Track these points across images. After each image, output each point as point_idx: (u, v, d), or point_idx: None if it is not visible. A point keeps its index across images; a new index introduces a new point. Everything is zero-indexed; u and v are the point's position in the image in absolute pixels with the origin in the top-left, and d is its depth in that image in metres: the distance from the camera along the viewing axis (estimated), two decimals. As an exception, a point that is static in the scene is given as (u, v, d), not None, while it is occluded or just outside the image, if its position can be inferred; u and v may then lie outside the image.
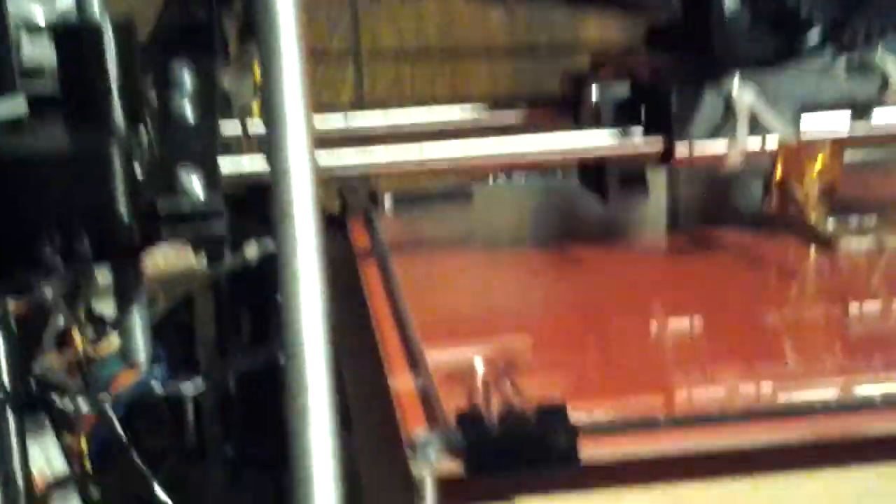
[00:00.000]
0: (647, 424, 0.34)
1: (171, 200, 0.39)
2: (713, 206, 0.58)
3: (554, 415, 0.34)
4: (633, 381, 0.37)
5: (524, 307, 0.45)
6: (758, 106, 0.43)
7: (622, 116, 0.46)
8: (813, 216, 0.49)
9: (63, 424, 0.53)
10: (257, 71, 0.54)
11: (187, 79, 0.42)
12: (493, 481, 0.33)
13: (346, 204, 0.58)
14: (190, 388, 0.49)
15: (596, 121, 0.46)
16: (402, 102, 0.52)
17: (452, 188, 0.60)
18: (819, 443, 0.33)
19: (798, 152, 0.49)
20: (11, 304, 0.50)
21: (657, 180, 0.61)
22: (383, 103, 0.57)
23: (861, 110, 0.45)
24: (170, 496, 0.52)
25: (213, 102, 0.43)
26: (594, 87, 0.46)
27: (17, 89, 0.43)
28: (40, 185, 0.39)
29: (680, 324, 0.42)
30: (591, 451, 0.33)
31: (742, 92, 0.43)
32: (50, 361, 0.54)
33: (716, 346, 0.40)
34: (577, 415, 0.33)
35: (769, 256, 0.48)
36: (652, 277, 0.47)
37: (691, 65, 0.44)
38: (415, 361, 0.39)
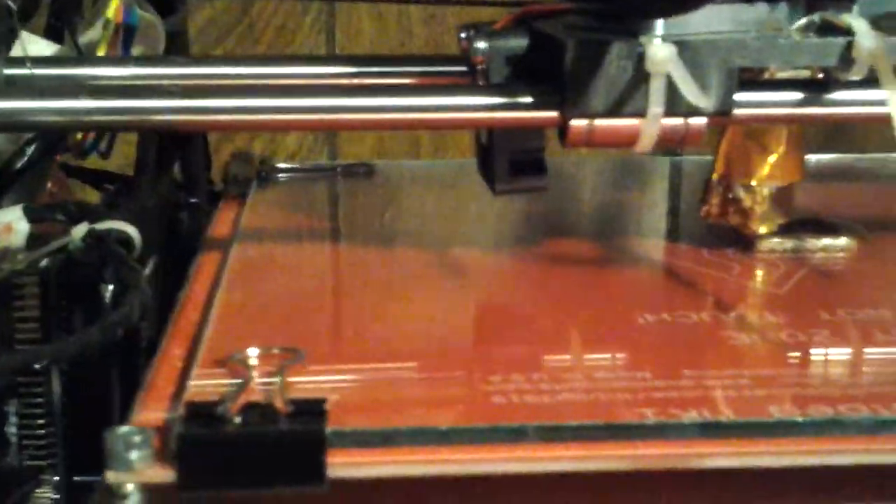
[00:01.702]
0: (416, 436, 0.25)
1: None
2: (640, 206, 0.47)
3: (306, 414, 0.25)
4: (441, 388, 0.28)
5: (364, 304, 0.35)
6: (677, 71, 0.32)
7: (516, 79, 0.35)
8: (760, 229, 0.38)
9: None
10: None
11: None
12: (217, 495, 0.25)
13: (227, 177, 0.49)
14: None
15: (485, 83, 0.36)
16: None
17: (355, 163, 0.50)
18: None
19: (744, 142, 0.38)
20: None
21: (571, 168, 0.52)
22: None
23: (822, 84, 0.34)
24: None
25: None
26: (482, 40, 0.36)
27: None
28: None
29: (513, 332, 0.33)
30: (347, 467, 0.25)
31: (658, 50, 0.32)
32: None
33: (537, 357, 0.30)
34: (348, 418, 0.25)
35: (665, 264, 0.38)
36: (520, 285, 0.37)
37: (598, 11, 0.34)
38: (184, 355, 0.31)
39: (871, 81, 0.33)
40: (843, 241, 0.38)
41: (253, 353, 0.29)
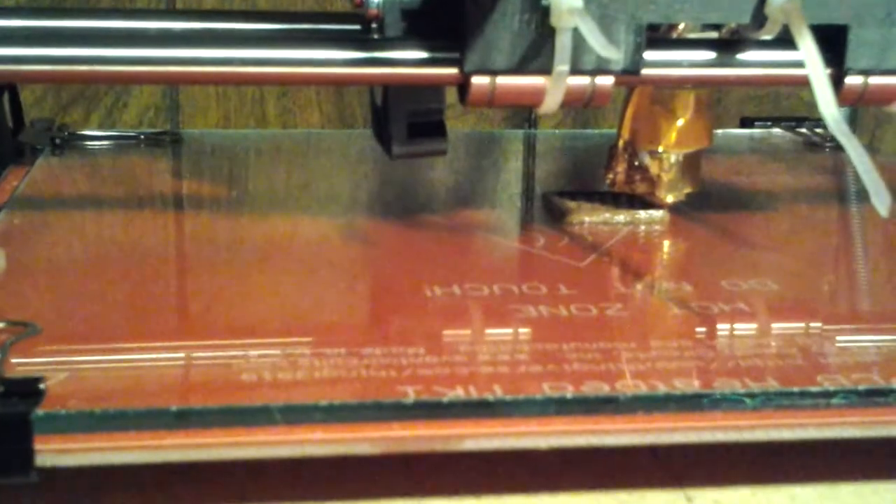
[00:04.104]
0: (144, 419, 0.22)
1: None
2: (472, 180, 0.45)
3: (16, 395, 0.22)
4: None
5: (131, 279, 0.32)
6: (585, 23, 0.30)
7: (414, 32, 0.33)
8: (668, 198, 0.37)
9: None
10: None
11: None
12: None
13: (19, 145, 0.46)
14: None
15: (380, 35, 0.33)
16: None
17: (160, 131, 0.49)
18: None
19: (651, 106, 0.37)
20: None
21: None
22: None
23: (734, 44, 0.32)
24: None
25: None
26: (376, -11, 0.33)
27: None
28: None
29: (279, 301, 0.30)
30: (61, 454, 0.22)
31: (564, 2, 0.30)
32: None
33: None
34: (74, 400, 0.22)
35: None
36: (310, 259, 0.34)
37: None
38: None
39: (785, 41, 0.31)
40: (659, 213, 0.37)
41: None
